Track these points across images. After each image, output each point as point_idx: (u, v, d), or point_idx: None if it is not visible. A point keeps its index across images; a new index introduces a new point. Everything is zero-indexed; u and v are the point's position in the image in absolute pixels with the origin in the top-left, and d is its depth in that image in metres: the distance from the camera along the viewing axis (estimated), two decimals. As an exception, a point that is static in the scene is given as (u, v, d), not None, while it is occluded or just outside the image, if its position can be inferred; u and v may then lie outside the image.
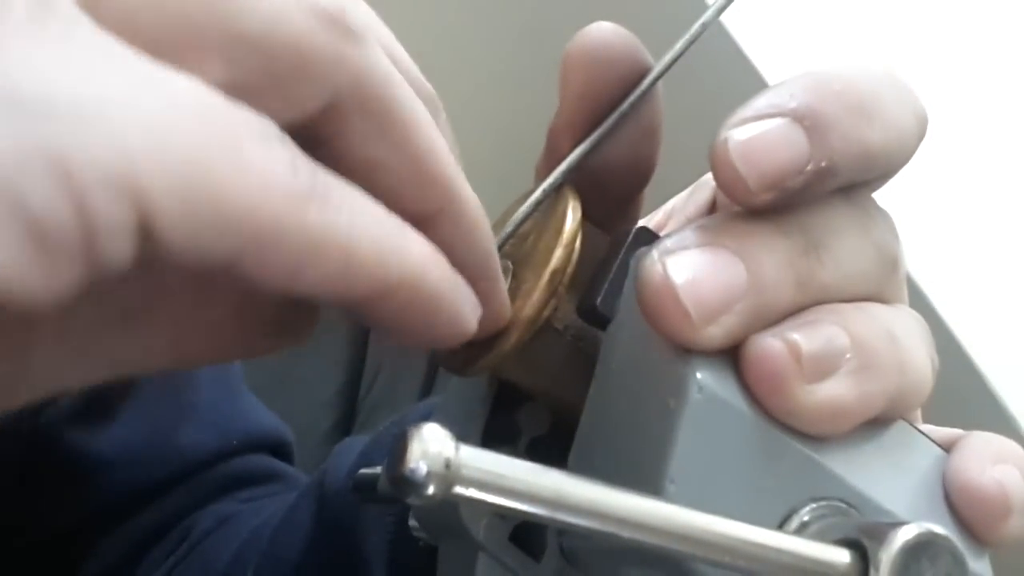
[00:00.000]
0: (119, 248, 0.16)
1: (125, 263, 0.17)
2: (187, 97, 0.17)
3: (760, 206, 0.22)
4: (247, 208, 0.17)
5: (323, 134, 0.20)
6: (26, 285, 0.15)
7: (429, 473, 0.17)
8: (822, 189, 0.22)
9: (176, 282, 0.21)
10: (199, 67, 0.18)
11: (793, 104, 0.22)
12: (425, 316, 0.21)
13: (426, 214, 0.22)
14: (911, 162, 0.24)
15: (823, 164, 0.22)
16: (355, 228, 0.19)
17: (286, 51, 0.19)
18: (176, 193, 0.16)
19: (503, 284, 0.24)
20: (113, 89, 0.16)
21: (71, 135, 0.16)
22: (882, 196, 0.25)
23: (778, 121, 0.22)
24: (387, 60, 0.21)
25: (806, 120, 0.22)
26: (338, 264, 0.19)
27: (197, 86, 0.18)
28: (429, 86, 0.24)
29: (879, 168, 0.24)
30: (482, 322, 0.23)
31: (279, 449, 0.55)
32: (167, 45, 0.18)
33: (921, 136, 0.24)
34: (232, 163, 0.17)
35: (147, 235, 0.16)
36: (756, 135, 0.22)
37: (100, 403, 0.48)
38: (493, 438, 0.28)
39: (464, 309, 0.22)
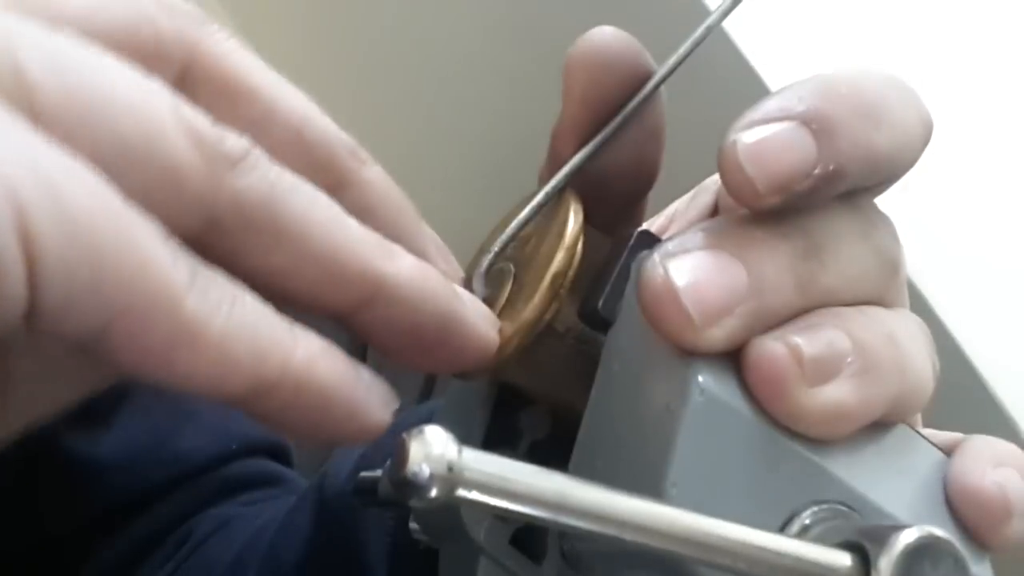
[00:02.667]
0: (13, 295, 0.16)
1: (18, 313, 0.17)
2: (83, 173, 0.18)
3: (767, 209, 0.22)
4: (125, 278, 0.17)
5: (216, 250, 0.20)
6: None
7: (432, 476, 0.17)
8: (829, 193, 0.23)
9: None
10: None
11: (801, 107, 0.22)
12: (313, 414, 0.21)
13: (353, 307, 0.22)
14: (915, 165, 0.24)
15: (831, 167, 0.22)
16: (232, 323, 0.19)
17: (155, 166, 0.19)
18: (59, 247, 0.17)
19: (472, 328, 0.24)
20: (11, 144, 0.17)
21: None
22: (883, 199, 0.26)
23: (786, 124, 0.22)
24: (273, 173, 0.21)
25: (814, 123, 0.22)
26: (211, 357, 0.19)
27: (94, 171, 0.18)
28: (347, 140, 0.24)
29: (884, 172, 0.24)
30: (463, 363, 0.23)
31: (278, 452, 0.55)
32: (54, 132, 0.18)
33: (926, 141, 0.24)
34: (117, 231, 0.17)
35: (31, 284, 0.17)
36: (764, 138, 0.22)
37: (97, 408, 0.48)
38: (494, 441, 0.28)
39: (364, 405, 0.22)
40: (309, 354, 0.20)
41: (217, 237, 0.20)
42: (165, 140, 0.19)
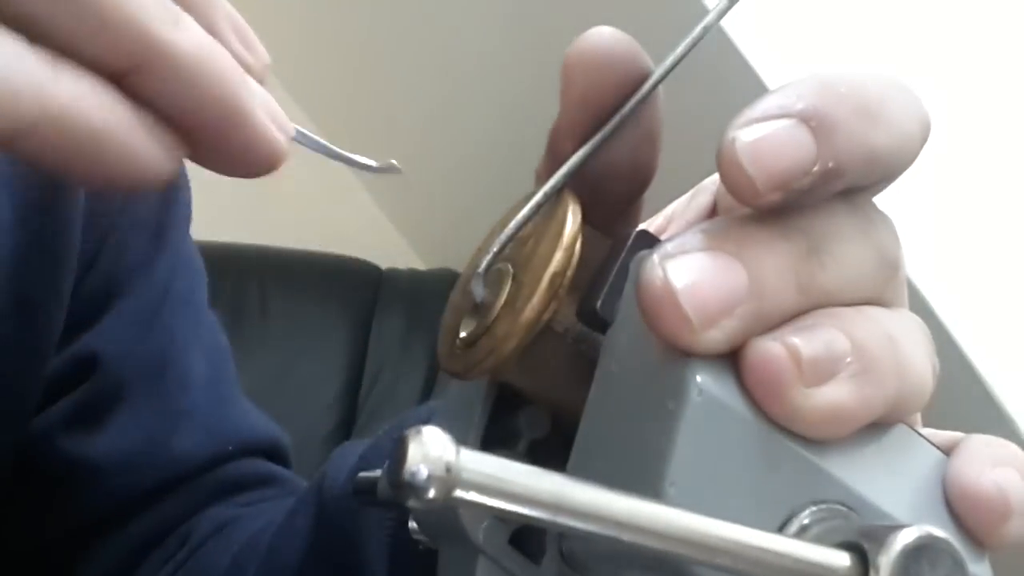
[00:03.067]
0: None
1: None
2: None
3: (766, 207, 0.22)
4: None
5: None
6: None
7: (430, 477, 0.17)
8: (827, 191, 0.23)
9: None
10: None
11: (800, 105, 0.22)
12: (81, 157, 0.20)
13: (121, 70, 0.21)
14: (913, 164, 0.24)
15: (830, 165, 0.22)
16: None
17: None
18: None
19: (256, 126, 0.22)
20: None
21: None
22: (882, 199, 0.26)
23: (785, 122, 0.22)
24: None
25: (813, 121, 0.22)
26: None
27: None
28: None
29: (883, 171, 0.24)
30: (245, 165, 0.23)
31: (275, 453, 0.55)
32: None
33: (924, 140, 0.24)
34: None
35: None
36: (764, 135, 0.22)
37: (92, 411, 0.48)
38: (493, 441, 0.28)
39: (142, 149, 0.21)
40: (73, 94, 0.20)
41: None
42: None
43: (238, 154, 0.23)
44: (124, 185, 0.21)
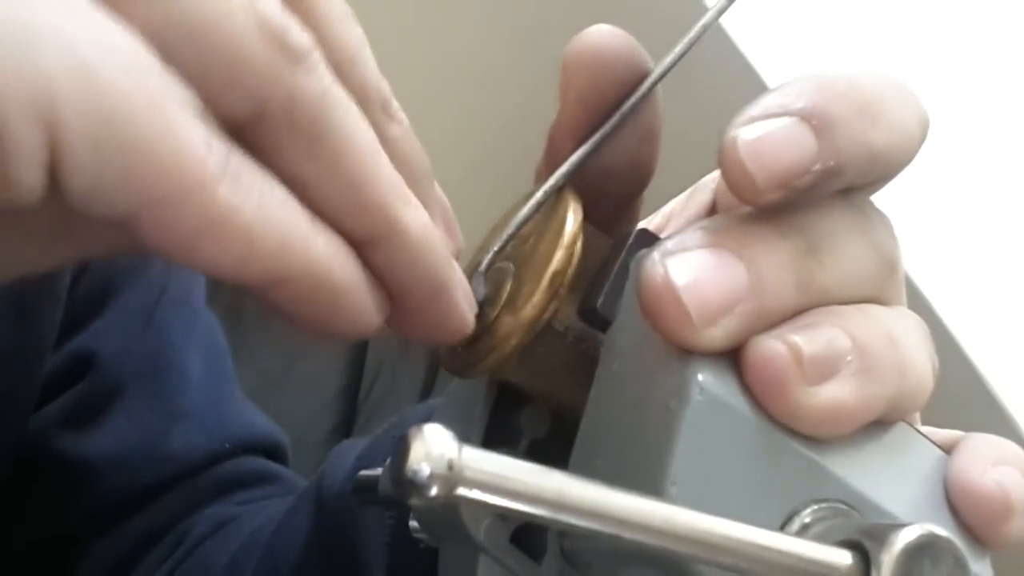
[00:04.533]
0: (29, 180, 0.16)
1: (34, 195, 0.16)
2: (123, 46, 0.17)
3: (768, 205, 0.22)
4: (157, 167, 0.17)
5: (254, 142, 0.20)
6: None
7: (432, 474, 0.17)
8: (827, 189, 0.23)
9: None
10: (134, 30, 0.18)
11: (800, 104, 0.22)
12: (320, 308, 0.21)
13: (362, 238, 0.22)
14: (911, 163, 0.24)
15: (830, 164, 0.22)
16: (261, 213, 0.19)
17: (220, 50, 0.19)
18: (90, 132, 0.16)
19: (457, 306, 0.24)
20: (50, 17, 0.16)
21: None
22: (881, 197, 0.26)
23: (786, 120, 0.22)
24: (328, 81, 0.20)
25: (813, 120, 0.22)
26: (238, 246, 0.19)
27: (135, 40, 0.17)
28: (382, 91, 0.24)
29: (882, 170, 0.24)
30: (436, 337, 0.24)
31: (272, 451, 0.55)
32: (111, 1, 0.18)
33: (923, 139, 0.24)
34: (152, 119, 0.17)
35: (53, 172, 0.16)
36: (764, 134, 0.22)
37: (88, 409, 0.48)
38: (494, 440, 0.28)
39: (363, 308, 0.22)
40: (328, 251, 0.21)
41: (259, 132, 0.20)
42: (234, 24, 0.19)
43: (431, 325, 0.24)
44: (340, 335, 0.22)
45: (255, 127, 0.20)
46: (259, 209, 0.19)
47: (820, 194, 0.23)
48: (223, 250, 0.19)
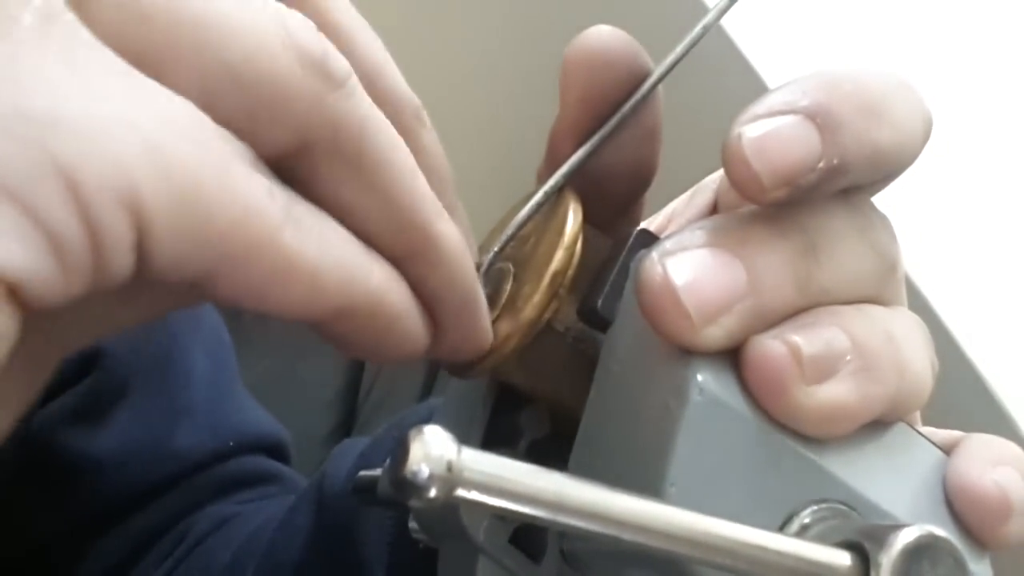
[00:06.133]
0: (121, 263, 0.17)
1: (126, 276, 0.17)
2: (182, 116, 0.18)
3: (773, 203, 0.22)
4: (229, 228, 0.18)
5: (296, 171, 0.20)
6: (49, 293, 0.16)
7: (431, 476, 0.17)
8: (831, 188, 0.23)
9: None
10: (176, 89, 0.18)
11: (805, 102, 0.22)
12: (378, 335, 0.21)
13: (401, 255, 0.22)
14: (914, 162, 0.24)
15: (835, 162, 0.22)
16: (323, 252, 0.20)
17: (262, 88, 0.19)
18: (170, 211, 0.17)
19: (483, 317, 0.24)
20: (114, 105, 0.17)
21: (77, 149, 0.16)
22: (881, 197, 0.26)
23: (791, 118, 0.22)
24: (367, 104, 0.21)
25: (818, 118, 0.22)
26: (305, 286, 0.19)
27: (188, 106, 0.18)
28: (413, 99, 0.24)
29: (885, 169, 0.24)
30: (461, 352, 0.24)
31: (275, 450, 0.55)
32: (149, 64, 0.18)
33: (926, 139, 0.24)
34: (220, 184, 0.18)
35: (141, 250, 0.17)
36: (769, 131, 0.22)
37: (94, 406, 0.48)
38: (493, 440, 0.28)
39: (416, 331, 0.22)
40: (384, 280, 0.21)
41: (302, 159, 0.20)
42: (275, 63, 0.19)
43: (460, 339, 0.24)
44: (391, 359, 0.23)
45: (298, 156, 0.20)
46: (320, 248, 0.19)
47: (823, 193, 0.23)
48: (291, 293, 0.19)
